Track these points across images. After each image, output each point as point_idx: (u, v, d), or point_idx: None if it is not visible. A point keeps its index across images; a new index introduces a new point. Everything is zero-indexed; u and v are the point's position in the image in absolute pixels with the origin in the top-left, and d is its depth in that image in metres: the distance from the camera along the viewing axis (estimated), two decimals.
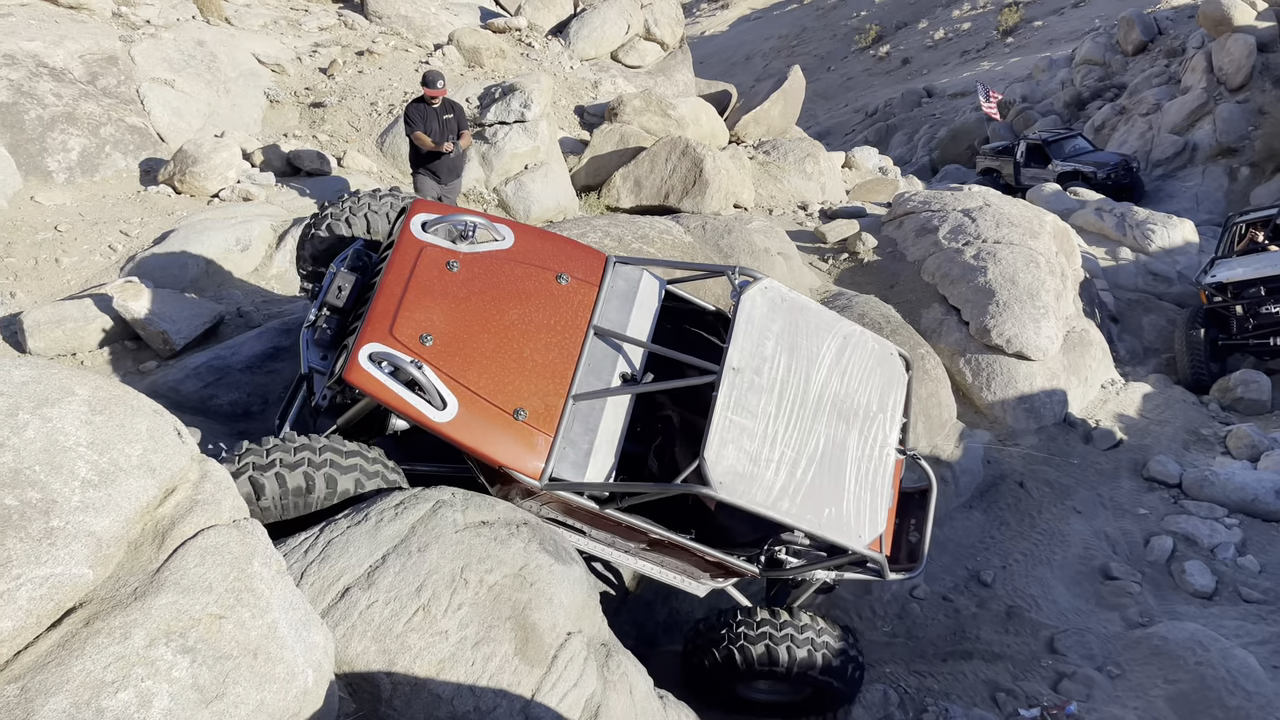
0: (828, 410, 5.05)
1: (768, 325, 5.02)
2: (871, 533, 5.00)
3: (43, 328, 6.72)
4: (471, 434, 4.68)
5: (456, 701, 3.89)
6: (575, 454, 4.83)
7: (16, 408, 2.89)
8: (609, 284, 5.39)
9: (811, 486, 4.81)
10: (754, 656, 5.46)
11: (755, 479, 4.64)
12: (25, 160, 8.95)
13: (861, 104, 37.00)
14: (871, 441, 5.18)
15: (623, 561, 5.60)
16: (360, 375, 4.65)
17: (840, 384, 5.16)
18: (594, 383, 5.01)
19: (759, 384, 4.84)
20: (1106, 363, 11.14)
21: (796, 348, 5.08)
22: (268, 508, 4.50)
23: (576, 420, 4.90)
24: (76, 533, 2.76)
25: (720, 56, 48.80)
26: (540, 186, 11.29)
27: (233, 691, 2.85)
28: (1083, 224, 14.84)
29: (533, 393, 4.84)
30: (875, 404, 5.30)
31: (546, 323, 5.08)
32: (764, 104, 15.88)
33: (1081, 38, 30.91)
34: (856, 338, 5.40)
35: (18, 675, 2.55)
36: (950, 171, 25.82)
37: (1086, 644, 7.15)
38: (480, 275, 5.15)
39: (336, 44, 13.26)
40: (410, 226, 5.23)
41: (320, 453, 4.59)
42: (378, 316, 4.84)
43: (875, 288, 11.11)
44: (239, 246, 8.32)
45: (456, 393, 4.72)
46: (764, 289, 5.11)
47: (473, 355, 4.85)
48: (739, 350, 4.84)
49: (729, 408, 4.68)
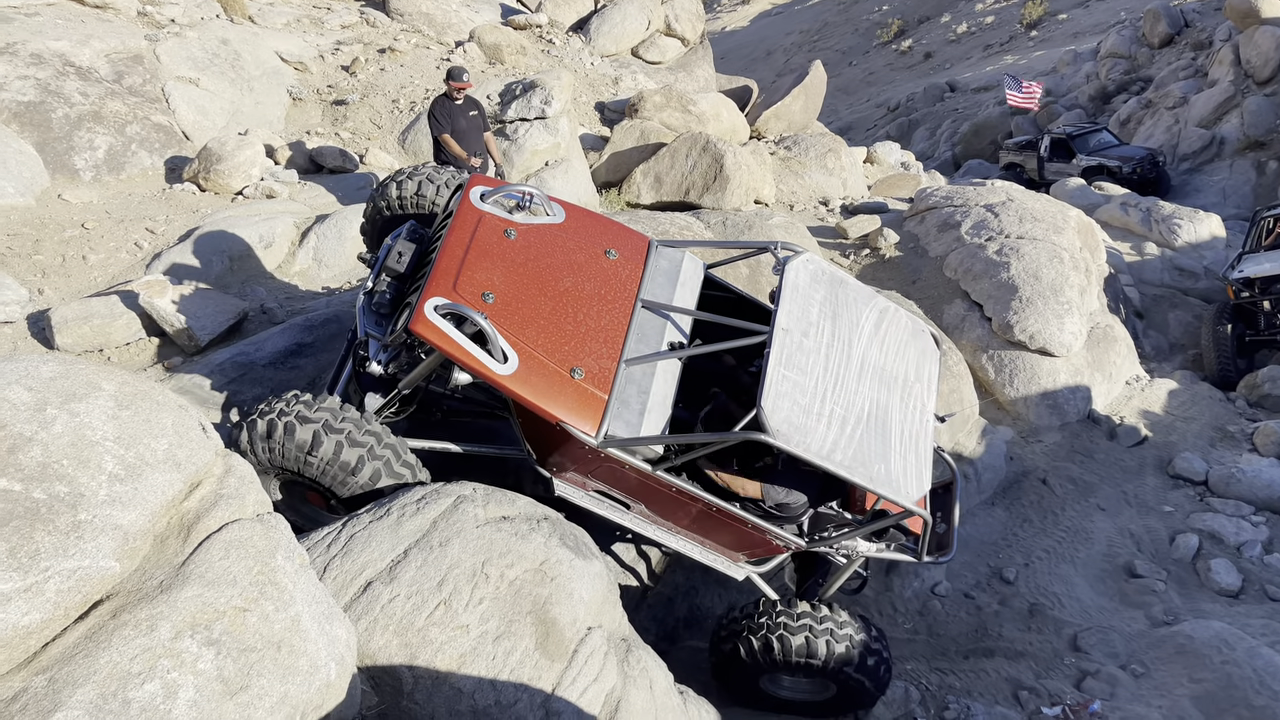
0: (871, 375, 5.18)
1: (811, 293, 5.21)
2: (918, 491, 5.05)
3: (70, 324, 6.81)
4: (532, 389, 4.79)
5: (477, 695, 3.91)
6: (629, 414, 4.93)
7: (45, 403, 2.93)
8: (653, 263, 5.59)
9: (861, 443, 4.89)
10: (793, 647, 5.49)
11: (809, 431, 4.73)
12: (53, 159, 9.05)
13: (883, 99, 36.79)
14: (912, 407, 5.28)
15: (663, 538, 5.65)
16: (426, 326, 4.76)
17: (880, 352, 5.30)
18: (643, 350, 5.16)
19: (807, 345, 4.99)
20: (1131, 359, 11.03)
21: (838, 315, 5.26)
22: (315, 463, 4.79)
23: (629, 383, 5.02)
24: (104, 526, 2.80)
25: (741, 52, 48.67)
26: (561, 183, 11.30)
27: (257, 684, 2.88)
28: (1108, 219, 14.69)
29: (587, 355, 4.97)
30: (913, 373, 5.42)
31: (597, 293, 5.24)
32: (785, 99, 15.81)
33: (1106, 31, 30.61)
34: (892, 311, 5.57)
35: (45, 667, 2.58)
36: (973, 167, 25.64)
37: (1110, 642, 7.09)
38: (536, 244, 5.34)
39: (358, 42, 13.33)
40: (470, 196, 5.42)
41: (383, 445, 4.91)
42: (441, 274, 4.98)
43: (897, 283, 11.05)
44: (263, 243, 8.38)
45: (517, 349, 4.84)
46: (806, 261, 5.34)
47: (530, 316, 5.00)
48: (787, 313, 5.02)
49: (781, 363, 4.81)
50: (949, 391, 9.00)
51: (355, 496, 4.89)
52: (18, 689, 2.51)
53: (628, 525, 5.51)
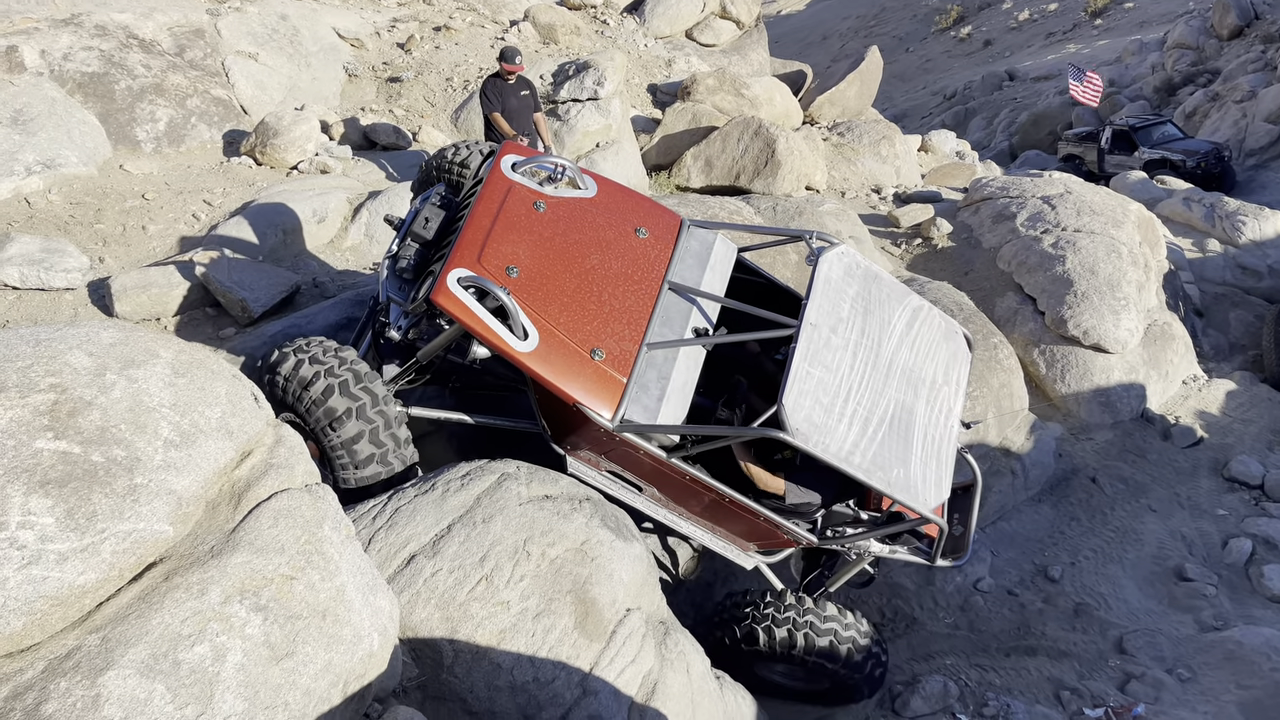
0: (898, 376, 5.07)
1: (844, 288, 5.09)
2: (936, 499, 4.96)
3: (129, 292, 6.95)
4: (550, 367, 4.75)
5: (516, 671, 3.95)
6: (647, 399, 4.87)
7: (104, 368, 2.99)
8: (684, 243, 5.49)
9: (882, 446, 4.81)
10: (776, 639, 5.46)
11: (830, 430, 4.65)
12: (115, 130, 9.22)
13: (940, 86, 36.19)
14: (938, 411, 5.19)
15: (674, 523, 5.62)
16: (447, 297, 4.74)
17: (910, 353, 5.19)
18: (667, 334, 5.08)
19: (834, 342, 4.88)
20: (1189, 358, 10.77)
21: (870, 313, 5.15)
22: (306, 401, 4.87)
23: (650, 367, 4.96)
24: (158, 490, 2.86)
25: (796, 36, 48.16)
26: (611, 165, 11.28)
27: (302, 650, 2.93)
28: (1169, 214, 14.34)
29: (609, 336, 4.91)
30: (941, 376, 5.31)
31: (624, 272, 5.16)
32: (840, 85, 15.61)
33: (1174, 20, 29.82)
34: (925, 311, 5.45)
35: (99, 626, 2.64)
36: (1030, 157, 25.12)
37: (1157, 645, 6.97)
38: (564, 218, 5.26)
39: (414, 19, 13.39)
40: (500, 165, 5.36)
41: (374, 408, 4.94)
42: (466, 244, 4.94)
43: (949, 274, 10.89)
44: (316, 218, 8.48)
45: (538, 326, 4.81)
46: (840, 254, 5.20)
47: (554, 293, 4.94)
48: (816, 308, 4.91)
49: (806, 359, 4.72)
50: (999, 385, 8.86)
51: (339, 458, 4.90)
52: (71, 646, 2.57)
53: (639, 507, 5.48)
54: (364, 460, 4.91)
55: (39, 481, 2.64)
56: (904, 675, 6.62)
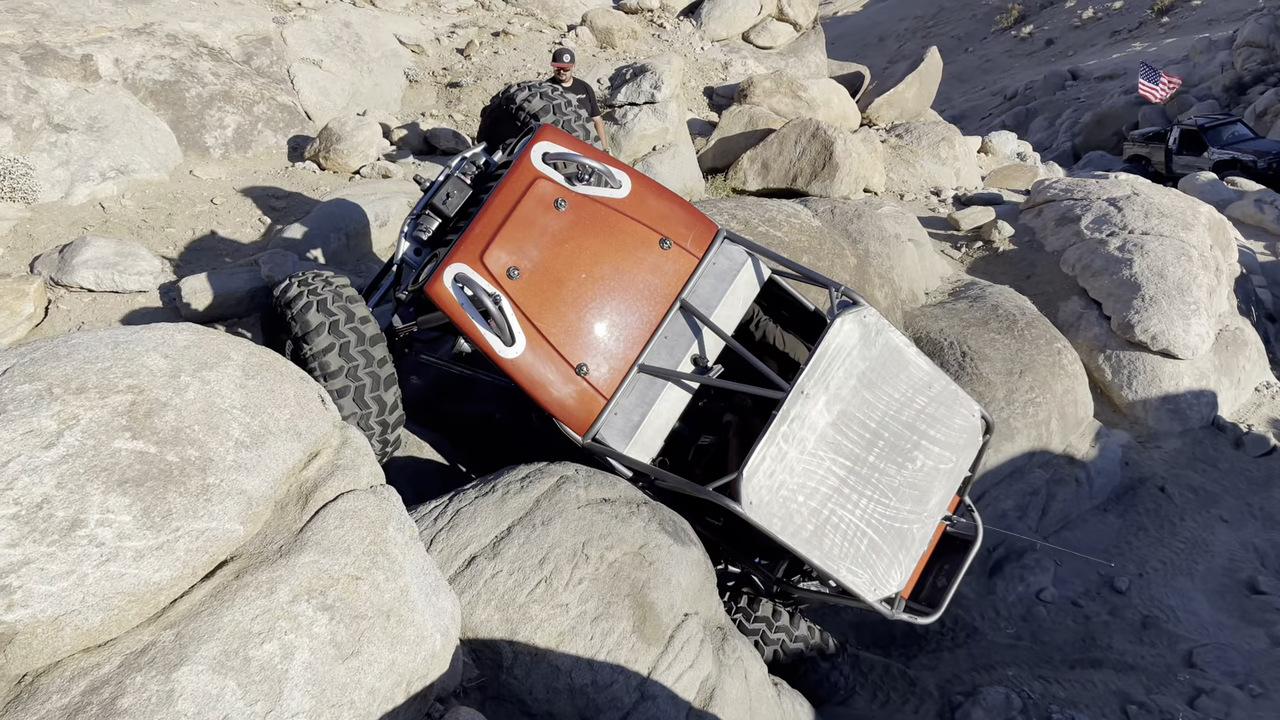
0: (887, 459, 4.79)
1: (855, 358, 4.77)
2: (893, 589, 4.75)
3: (199, 294, 7.11)
4: (530, 376, 4.77)
5: (575, 674, 3.96)
6: (624, 424, 4.83)
7: (179, 370, 3.07)
8: (710, 259, 5.22)
9: (846, 535, 4.60)
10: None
11: (789, 511, 4.46)
12: (185, 136, 9.46)
13: (1000, 87, 35.59)
14: (922, 502, 4.89)
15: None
16: (440, 291, 4.81)
17: (910, 435, 4.87)
18: (664, 357, 4.96)
19: (823, 416, 4.63)
20: (1262, 364, 10.45)
21: (875, 387, 4.80)
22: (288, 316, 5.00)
23: (635, 390, 4.88)
24: (230, 490, 2.92)
25: (853, 37, 47.72)
26: (667, 168, 11.27)
27: (367, 650, 2.97)
28: (1240, 216, 13.93)
29: (602, 351, 4.87)
30: (940, 462, 4.98)
31: (635, 284, 5.01)
32: (898, 86, 15.43)
33: (1244, 18, 28.95)
34: (940, 388, 5.04)
35: (173, 622, 2.71)
36: (1094, 159, 24.57)
37: (1228, 660, 6.76)
38: (584, 220, 5.09)
39: (473, 25, 13.53)
40: (530, 154, 5.19)
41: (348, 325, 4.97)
42: (474, 238, 4.94)
43: (1010, 278, 10.70)
44: (378, 222, 8.60)
45: (528, 333, 4.80)
46: (860, 317, 4.83)
47: (553, 299, 4.89)
48: (815, 376, 4.65)
49: (783, 435, 4.51)
50: (1063, 391, 8.68)
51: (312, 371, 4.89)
52: (147, 642, 2.64)
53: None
54: (333, 373, 4.92)
55: (117, 480, 2.71)
56: (964, 685, 6.51)
